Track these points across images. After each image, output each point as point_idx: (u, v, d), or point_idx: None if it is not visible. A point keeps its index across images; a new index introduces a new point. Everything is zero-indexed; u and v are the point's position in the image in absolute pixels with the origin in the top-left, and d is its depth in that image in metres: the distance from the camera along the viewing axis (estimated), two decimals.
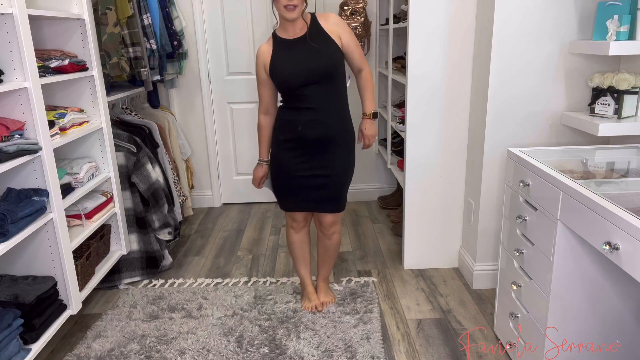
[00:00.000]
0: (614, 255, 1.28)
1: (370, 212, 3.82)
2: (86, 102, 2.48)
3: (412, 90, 2.57)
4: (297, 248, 2.45)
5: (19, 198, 1.93)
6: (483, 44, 2.38)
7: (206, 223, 3.72)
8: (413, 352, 2.13)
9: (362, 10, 3.47)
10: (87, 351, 2.18)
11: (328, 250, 2.44)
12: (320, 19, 2.11)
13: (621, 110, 2.04)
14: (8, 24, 1.82)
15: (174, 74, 3.48)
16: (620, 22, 1.93)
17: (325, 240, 2.41)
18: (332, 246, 2.43)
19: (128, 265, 2.77)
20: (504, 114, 2.35)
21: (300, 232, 2.43)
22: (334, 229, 2.37)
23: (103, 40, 2.55)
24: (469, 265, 2.66)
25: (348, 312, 2.41)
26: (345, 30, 2.12)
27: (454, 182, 2.73)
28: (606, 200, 1.36)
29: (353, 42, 2.14)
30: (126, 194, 2.74)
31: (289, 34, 2.11)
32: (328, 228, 2.35)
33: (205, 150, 3.94)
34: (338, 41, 2.10)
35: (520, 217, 1.86)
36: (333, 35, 2.09)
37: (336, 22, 2.12)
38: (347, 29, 2.13)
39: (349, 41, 2.12)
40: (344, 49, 2.13)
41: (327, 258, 2.47)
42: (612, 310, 1.66)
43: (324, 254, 2.47)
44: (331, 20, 2.12)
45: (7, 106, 1.91)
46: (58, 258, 2.10)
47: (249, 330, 2.29)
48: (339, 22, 2.13)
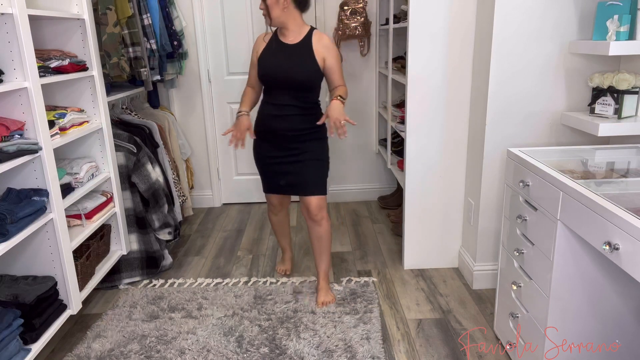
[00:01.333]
0: (614, 255, 1.28)
1: (370, 212, 3.82)
2: (86, 102, 2.48)
3: (412, 90, 2.57)
4: (276, 226, 2.79)
5: (19, 198, 1.93)
6: (483, 44, 2.38)
7: (206, 223, 3.72)
8: (413, 352, 2.13)
9: (362, 10, 3.47)
10: (87, 351, 2.18)
11: (321, 240, 2.50)
12: (314, 37, 2.31)
13: (621, 110, 2.04)
14: (8, 24, 1.82)
15: (174, 74, 3.48)
16: (620, 22, 1.93)
17: (316, 227, 2.47)
18: (324, 234, 2.48)
19: (128, 265, 2.77)
20: (504, 114, 2.35)
21: (279, 214, 2.73)
22: (321, 214, 2.45)
23: (103, 40, 2.55)
24: (469, 265, 2.66)
25: (348, 312, 2.41)
26: (331, 54, 2.31)
27: (454, 182, 2.73)
28: (606, 200, 1.36)
29: (336, 65, 2.33)
30: (126, 194, 2.74)
31: (283, 38, 2.33)
32: (315, 213, 2.43)
33: (205, 150, 3.94)
34: (321, 62, 2.30)
35: (520, 217, 1.86)
36: (318, 55, 2.29)
37: (325, 45, 2.30)
38: (334, 53, 2.32)
39: (332, 64, 2.32)
40: (326, 69, 2.33)
41: (322, 249, 2.52)
42: (612, 310, 1.66)
43: (318, 245, 2.52)
44: (322, 42, 2.31)
45: (7, 106, 1.91)
46: (58, 258, 2.10)
47: (249, 330, 2.29)
48: (328, 45, 2.31)
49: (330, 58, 2.30)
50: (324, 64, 2.31)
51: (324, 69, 2.32)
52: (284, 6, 2.22)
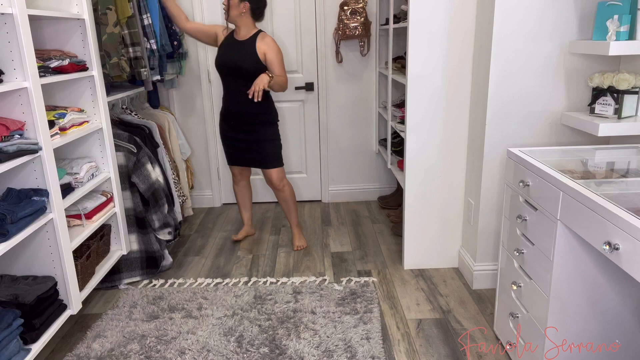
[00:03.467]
0: (614, 255, 1.28)
1: (370, 212, 3.82)
2: (86, 102, 2.48)
3: (412, 90, 2.57)
4: (237, 195, 3.29)
5: (19, 198, 1.93)
6: (483, 44, 2.38)
7: (206, 223, 3.72)
8: (413, 352, 2.13)
9: (362, 10, 3.47)
10: (87, 351, 2.18)
11: (286, 202, 3.14)
12: (259, 37, 2.81)
13: (621, 110, 2.04)
14: (8, 24, 1.82)
15: (174, 74, 3.48)
16: (620, 22, 1.93)
17: (280, 193, 3.10)
18: (288, 196, 3.11)
19: (128, 265, 2.77)
20: (504, 113, 2.35)
21: (239, 184, 3.24)
22: (282, 183, 3.06)
23: (103, 40, 2.55)
24: (469, 265, 2.66)
25: (348, 312, 2.41)
26: (271, 50, 2.78)
27: (454, 182, 2.73)
28: (606, 200, 1.36)
29: (275, 59, 2.79)
30: (126, 194, 2.74)
31: (236, 35, 2.86)
32: (277, 183, 3.04)
33: (205, 150, 3.94)
34: (262, 56, 2.78)
35: (520, 217, 1.86)
36: (259, 50, 2.78)
37: (267, 43, 2.79)
38: (274, 49, 2.79)
39: (272, 58, 2.78)
40: (267, 62, 2.80)
41: (289, 208, 3.16)
42: (612, 310, 1.66)
43: (285, 205, 3.16)
44: (264, 40, 2.79)
45: (7, 106, 1.91)
46: (58, 258, 2.10)
47: (249, 330, 2.30)
48: (269, 43, 2.79)
49: (270, 53, 2.77)
50: (265, 58, 2.78)
51: (266, 62, 2.79)
52: (242, 11, 2.75)
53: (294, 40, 3.73)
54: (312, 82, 3.81)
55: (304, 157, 4.00)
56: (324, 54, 3.73)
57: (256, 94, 2.68)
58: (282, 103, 3.86)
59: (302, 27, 3.70)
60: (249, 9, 2.76)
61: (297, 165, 4.02)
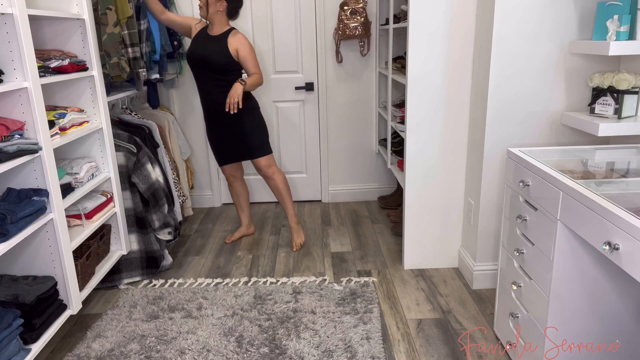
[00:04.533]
0: (614, 255, 1.28)
1: (370, 212, 3.82)
2: (86, 102, 2.48)
3: (412, 90, 2.57)
4: (232, 196, 3.28)
5: (19, 198, 1.93)
6: (483, 44, 2.38)
7: (206, 223, 3.72)
8: (413, 352, 2.13)
9: (362, 10, 3.47)
10: (87, 351, 2.18)
11: (279, 190, 3.09)
12: (231, 34, 2.84)
13: (621, 110, 2.04)
14: (8, 24, 1.82)
15: (174, 74, 3.48)
16: (620, 22, 1.93)
17: (270, 181, 3.08)
18: (279, 184, 3.07)
19: (128, 265, 2.77)
20: (504, 113, 2.35)
21: (233, 184, 3.22)
22: (271, 170, 3.04)
23: (103, 40, 2.55)
24: (469, 265, 2.66)
25: (348, 312, 2.41)
26: (244, 47, 2.83)
27: (454, 182, 2.74)
28: (606, 200, 1.36)
29: (249, 55, 2.84)
30: (126, 194, 2.74)
31: (209, 31, 2.90)
32: (266, 171, 3.03)
33: (205, 150, 3.94)
34: (234, 52, 2.82)
35: (520, 217, 1.86)
36: (231, 46, 2.82)
37: (238, 39, 2.83)
38: (246, 47, 2.83)
39: (245, 54, 2.83)
40: (240, 59, 2.84)
41: (282, 197, 3.11)
42: (612, 310, 1.66)
43: (278, 194, 3.12)
44: (236, 37, 2.84)
45: (7, 106, 1.91)
46: (58, 258, 2.10)
47: (249, 330, 2.30)
48: (241, 40, 2.84)
49: (243, 49, 2.82)
50: (238, 54, 2.82)
51: (239, 59, 2.84)
52: (218, 10, 2.81)
53: (294, 40, 3.73)
54: (312, 82, 3.81)
55: (304, 157, 4.00)
56: (324, 54, 3.73)
57: (232, 106, 2.74)
58: (282, 103, 3.86)
59: (302, 27, 3.70)
60: (226, 8, 2.83)
61: (297, 165, 4.02)
